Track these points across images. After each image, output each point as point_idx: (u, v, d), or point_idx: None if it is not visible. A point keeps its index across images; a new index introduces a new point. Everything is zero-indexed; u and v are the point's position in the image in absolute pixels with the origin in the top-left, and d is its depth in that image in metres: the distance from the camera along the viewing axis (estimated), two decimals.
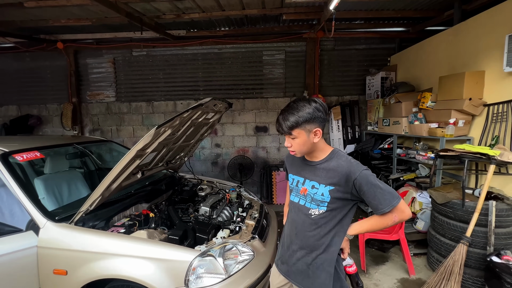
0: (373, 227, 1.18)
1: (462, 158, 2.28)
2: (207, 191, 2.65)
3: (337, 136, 4.63)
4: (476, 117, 2.71)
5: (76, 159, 2.55)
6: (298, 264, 1.23)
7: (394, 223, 1.13)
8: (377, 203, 1.09)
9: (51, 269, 1.56)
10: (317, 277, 1.18)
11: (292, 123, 1.10)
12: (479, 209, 2.08)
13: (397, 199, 1.09)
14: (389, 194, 1.09)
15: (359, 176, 1.09)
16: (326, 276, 1.17)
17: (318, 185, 1.18)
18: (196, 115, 1.95)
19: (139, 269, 1.48)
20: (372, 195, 1.09)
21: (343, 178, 1.12)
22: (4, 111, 5.03)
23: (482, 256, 2.11)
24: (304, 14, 3.62)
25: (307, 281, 1.20)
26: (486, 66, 2.58)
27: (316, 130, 1.12)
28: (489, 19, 2.55)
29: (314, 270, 1.18)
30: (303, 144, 1.15)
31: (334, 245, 1.17)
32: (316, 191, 1.18)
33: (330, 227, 1.17)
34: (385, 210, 1.09)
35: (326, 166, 1.18)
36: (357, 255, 2.66)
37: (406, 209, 1.12)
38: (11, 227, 1.65)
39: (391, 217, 1.12)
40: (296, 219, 1.26)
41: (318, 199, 1.17)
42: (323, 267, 1.17)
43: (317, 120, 1.11)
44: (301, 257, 1.22)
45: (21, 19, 3.71)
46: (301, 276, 1.22)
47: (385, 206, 1.08)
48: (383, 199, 1.08)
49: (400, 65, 4.11)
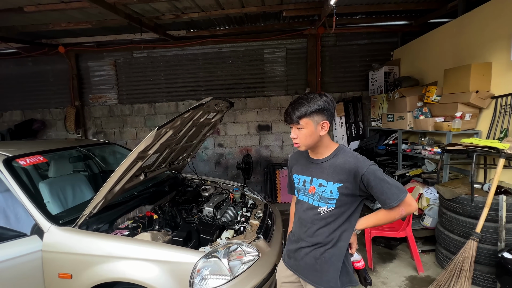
0: (380, 221, 1.19)
1: (470, 152, 2.22)
2: (210, 192, 2.64)
3: (340, 133, 4.58)
4: (484, 110, 2.64)
5: (80, 162, 2.56)
6: (306, 259, 1.22)
7: (401, 216, 1.14)
8: (385, 198, 1.10)
9: (56, 273, 1.56)
10: (325, 271, 1.17)
11: (302, 112, 1.11)
12: (489, 204, 2.03)
13: (404, 193, 1.10)
14: (397, 188, 1.10)
15: (367, 172, 1.09)
16: (334, 271, 1.17)
17: (326, 183, 1.17)
18: (197, 115, 1.93)
19: (143, 272, 1.47)
20: (380, 190, 1.09)
21: (351, 174, 1.12)
22: (9, 116, 5.08)
23: (493, 252, 2.06)
24: (304, 10, 3.57)
25: (314, 275, 1.20)
26: (493, 58, 2.52)
27: (323, 123, 1.14)
28: (495, 9, 2.48)
29: (322, 264, 1.18)
30: (309, 136, 1.14)
31: (343, 240, 1.18)
32: (324, 188, 1.17)
33: (339, 223, 1.17)
34: (393, 204, 1.09)
35: (333, 163, 1.17)
36: (364, 252, 2.62)
37: (413, 202, 1.13)
38: (16, 231, 1.65)
39: (398, 211, 1.12)
40: (304, 218, 1.25)
41: (327, 196, 1.16)
42: (331, 262, 1.17)
43: (326, 113, 1.13)
44: (309, 251, 1.22)
45: (21, 24, 3.73)
46: (308, 270, 1.22)
47: (393, 200, 1.09)
48: (391, 193, 1.09)
49: (403, 59, 4.04)
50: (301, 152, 1.31)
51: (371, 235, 2.52)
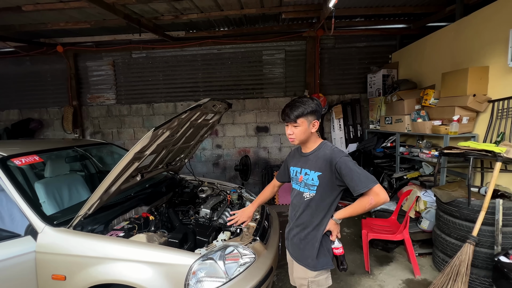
0: (355, 210, 1.33)
1: (467, 155, 2.23)
2: (207, 193, 2.63)
3: (338, 135, 4.58)
4: (481, 114, 2.65)
5: (76, 162, 2.54)
6: (294, 239, 1.46)
7: (371, 205, 1.25)
8: (354, 184, 1.25)
9: (50, 274, 1.54)
10: (306, 250, 1.41)
11: (299, 112, 1.33)
12: (485, 207, 2.03)
13: (373, 182, 1.24)
14: (365, 177, 1.25)
15: (339, 161, 1.29)
16: (312, 250, 1.38)
17: (310, 172, 1.39)
18: (195, 116, 1.92)
19: (138, 274, 1.46)
20: (350, 177, 1.26)
21: (327, 164, 1.33)
22: (6, 115, 5.05)
23: (490, 256, 2.06)
24: (304, 13, 3.58)
25: (298, 253, 1.45)
26: (490, 62, 2.53)
27: (314, 122, 1.37)
28: (493, 13, 2.50)
29: (305, 244, 1.41)
30: (303, 132, 1.36)
31: (322, 225, 1.38)
32: (308, 177, 1.39)
33: (320, 209, 1.37)
34: (360, 191, 1.24)
35: (316, 155, 1.40)
36: (361, 255, 2.61)
37: (382, 192, 1.24)
38: (10, 232, 1.63)
39: (368, 200, 1.25)
40: (295, 203, 1.47)
41: (310, 183, 1.38)
42: (311, 243, 1.39)
43: (317, 114, 1.37)
44: (296, 233, 1.45)
45: (19, 23, 3.71)
46: (294, 249, 1.47)
47: (361, 187, 1.24)
48: (360, 181, 1.24)
49: (402, 62, 4.06)
50: (297, 148, 1.55)
51: (368, 238, 2.51)
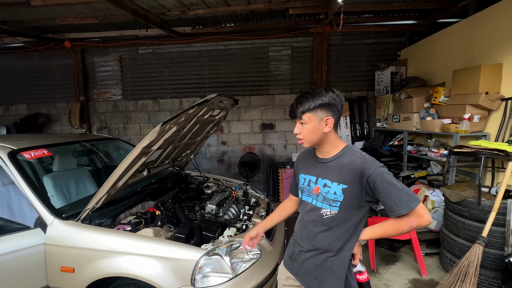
0: (387, 233, 1.07)
1: (478, 155, 2.18)
2: (213, 189, 2.63)
3: (345, 133, 4.54)
4: (493, 112, 2.59)
5: (84, 157, 2.57)
6: (306, 264, 1.17)
7: (410, 228, 1.01)
8: (393, 204, 1.00)
9: (59, 266, 1.57)
10: (325, 280, 1.11)
11: (305, 107, 1.08)
12: (496, 208, 1.99)
13: (416, 202, 0.99)
14: (407, 195, 0.99)
15: (374, 173, 1.01)
16: (335, 281, 1.10)
17: (331, 183, 1.11)
18: (201, 112, 1.91)
19: (145, 268, 1.47)
20: (387, 195, 1.00)
21: (356, 175, 1.05)
22: (15, 110, 5.13)
23: (500, 257, 2.02)
24: (311, 8, 3.53)
25: (314, 282, 1.15)
26: (503, 59, 2.46)
27: (327, 119, 1.08)
28: (508, 9, 2.42)
29: (323, 273, 1.12)
30: (312, 132, 1.10)
31: (346, 250, 1.10)
32: (328, 189, 1.11)
33: (344, 230, 1.09)
34: (401, 212, 0.99)
35: (339, 163, 1.11)
36: (367, 254, 2.59)
37: (426, 213, 1.00)
38: (19, 224, 1.66)
39: (407, 222, 1.00)
40: (306, 219, 1.19)
41: (330, 198, 1.10)
42: (332, 270, 1.11)
43: (330, 109, 1.07)
44: (310, 257, 1.16)
45: (28, 18, 3.75)
46: (308, 276, 1.17)
47: (401, 208, 0.98)
48: (400, 199, 0.99)
49: (411, 59, 3.98)
50: (308, 151, 1.28)
51: None
